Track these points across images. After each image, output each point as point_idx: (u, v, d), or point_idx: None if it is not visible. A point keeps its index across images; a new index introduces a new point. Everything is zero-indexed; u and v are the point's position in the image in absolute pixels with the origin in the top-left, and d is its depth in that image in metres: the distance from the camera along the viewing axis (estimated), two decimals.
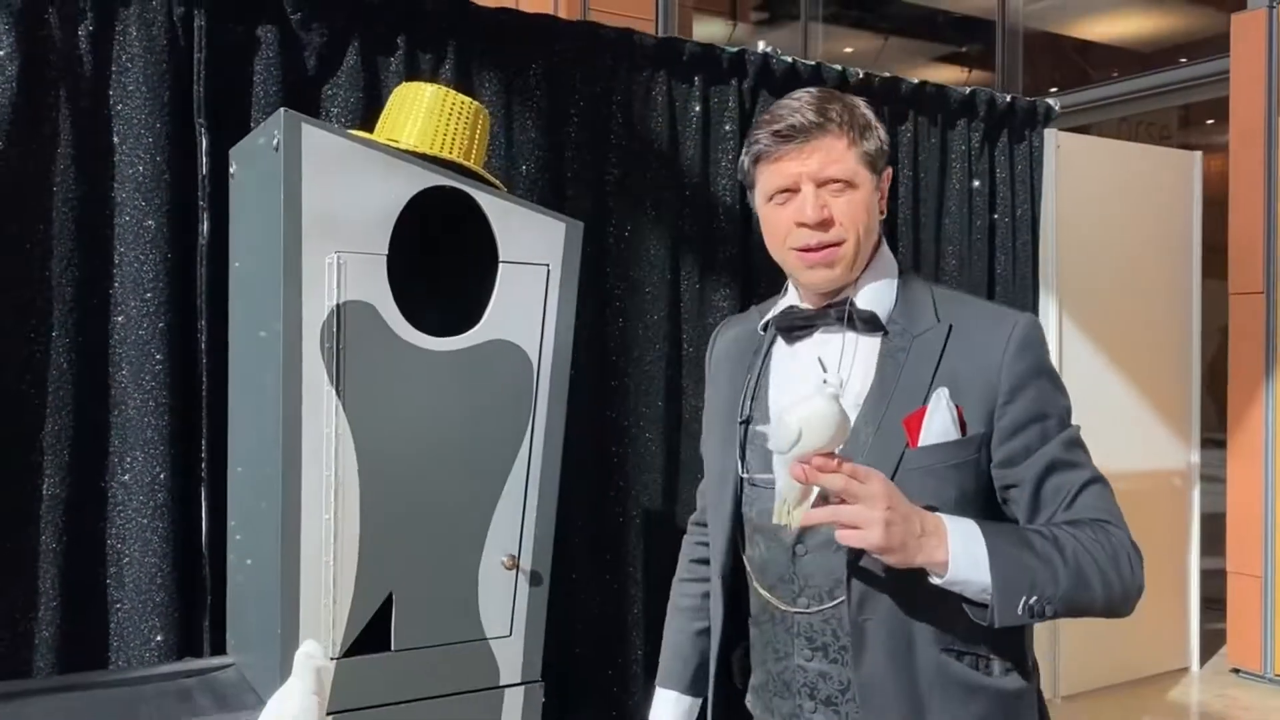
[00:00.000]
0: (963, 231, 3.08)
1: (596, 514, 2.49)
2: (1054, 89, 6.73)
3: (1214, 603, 4.97)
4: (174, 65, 2.06)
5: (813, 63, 2.83)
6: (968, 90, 3.05)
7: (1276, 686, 4.51)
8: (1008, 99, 3.12)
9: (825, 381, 1.18)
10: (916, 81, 2.96)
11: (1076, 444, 1.33)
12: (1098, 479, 1.33)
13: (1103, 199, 4.49)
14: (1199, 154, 4.77)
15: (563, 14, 7.90)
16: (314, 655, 1.26)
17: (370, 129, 2.15)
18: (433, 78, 2.30)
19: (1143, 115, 6.51)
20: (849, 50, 9.05)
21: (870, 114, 1.38)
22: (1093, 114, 6.07)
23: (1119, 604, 1.29)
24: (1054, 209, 4.31)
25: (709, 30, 9.22)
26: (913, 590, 1.28)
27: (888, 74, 2.94)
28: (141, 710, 1.55)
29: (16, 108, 1.93)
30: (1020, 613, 1.21)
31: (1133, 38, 7.17)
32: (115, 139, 2.04)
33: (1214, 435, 5.11)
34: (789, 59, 2.77)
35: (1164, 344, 4.74)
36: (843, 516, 1.18)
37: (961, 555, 1.21)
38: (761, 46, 2.77)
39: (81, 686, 1.69)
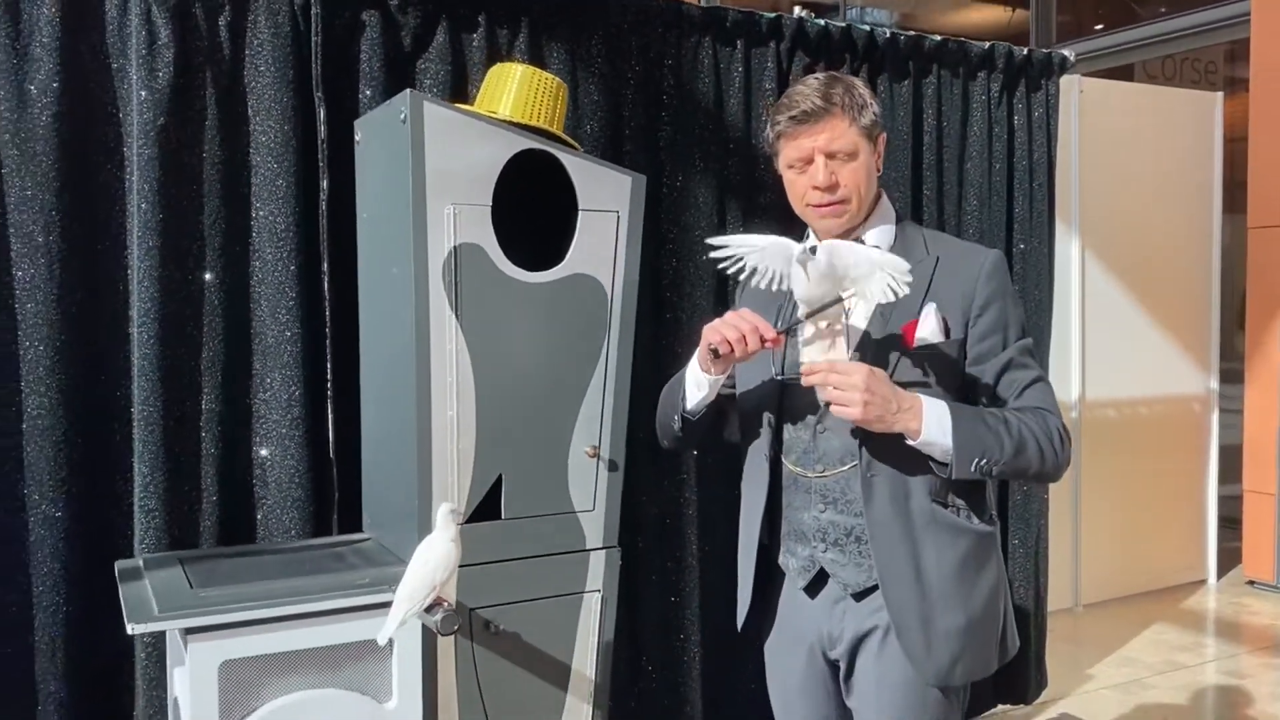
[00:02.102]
0: (983, 175, 3.36)
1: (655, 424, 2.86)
2: (1099, 26, 6.82)
3: (1232, 523, 5.26)
4: (295, 47, 2.38)
5: (843, 24, 3.13)
6: (987, 45, 3.33)
7: None
8: (1025, 51, 3.39)
9: (800, 254, 1.59)
10: (939, 38, 3.25)
11: (1028, 351, 1.73)
12: (1041, 378, 1.74)
13: (1125, 140, 4.73)
14: (1220, 95, 4.98)
15: None
16: (453, 510, 1.67)
17: (458, 98, 2.51)
18: (509, 51, 2.64)
19: (1187, 53, 6.63)
20: None
21: (866, 93, 1.75)
22: (1136, 53, 6.22)
23: (1051, 472, 1.71)
24: (1077, 150, 4.57)
25: None
26: (907, 456, 1.68)
27: (913, 32, 3.24)
28: (306, 565, 1.98)
29: (173, 87, 2.28)
30: (973, 470, 1.62)
31: None
32: (250, 111, 2.37)
33: (1232, 365, 5.36)
34: (821, 22, 3.08)
35: (1185, 276, 4.99)
36: (830, 396, 1.61)
37: (933, 425, 1.62)
38: (798, 12, 3.08)
39: (251, 553, 2.12)
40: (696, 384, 1.82)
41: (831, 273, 1.62)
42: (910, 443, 1.64)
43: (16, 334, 2.23)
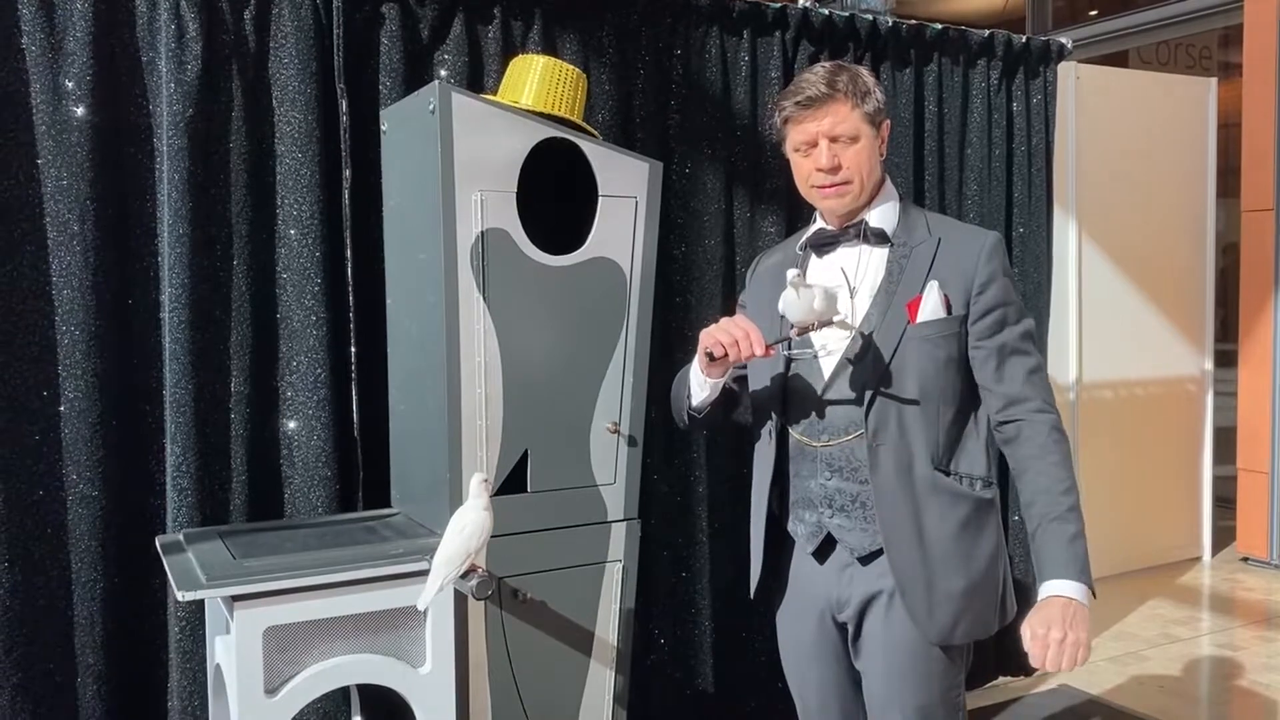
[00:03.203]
0: (983, 160, 3.44)
1: (665, 406, 2.95)
2: (1093, 12, 6.88)
3: (1226, 502, 5.36)
4: (318, 40, 2.45)
5: (847, 14, 3.21)
6: (986, 33, 3.41)
7: None
8: (1023, 39, 3.47)
9: (793, 277, 1.67)
10: (940, 27, 3.32)
11: (1029, 336, 1.82)
12: (1040, 366, 1.82)
13: (1121, 126, 4.81)
14: (1214, 80, 5.06)
15: None
16: (484, 481, 1.75)
17: (475, 88, 2.59)
18: (523, 42, 2.71)
19: (1180, 39, 6.70)
20: None
21: (870, 80, 1.83)
22: (1131, 39, 6.29)
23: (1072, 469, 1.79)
24: (1074, 136, 4.65)
25: None
26: (910, 426, 1.77)
27: (913, 20, 3.31)
28: (341, 538, 2.06)
29: (201, 80, 2.36)
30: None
31: None
32: (274, 102, 2.44)
33: (1225, 347, 5.45)
34: (825, 11, 3.15)
35: (1180, 260, 5.07)
36: (1069, 666, 1.68)
37: (1081, 591, 1.70)
38: (802, 2, 3.16)
39: (287, 527, 2.20)
40: (699, 384, 1.92)
41: (824, 294, 1.72)
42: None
43: (54, 320, 2.30)
